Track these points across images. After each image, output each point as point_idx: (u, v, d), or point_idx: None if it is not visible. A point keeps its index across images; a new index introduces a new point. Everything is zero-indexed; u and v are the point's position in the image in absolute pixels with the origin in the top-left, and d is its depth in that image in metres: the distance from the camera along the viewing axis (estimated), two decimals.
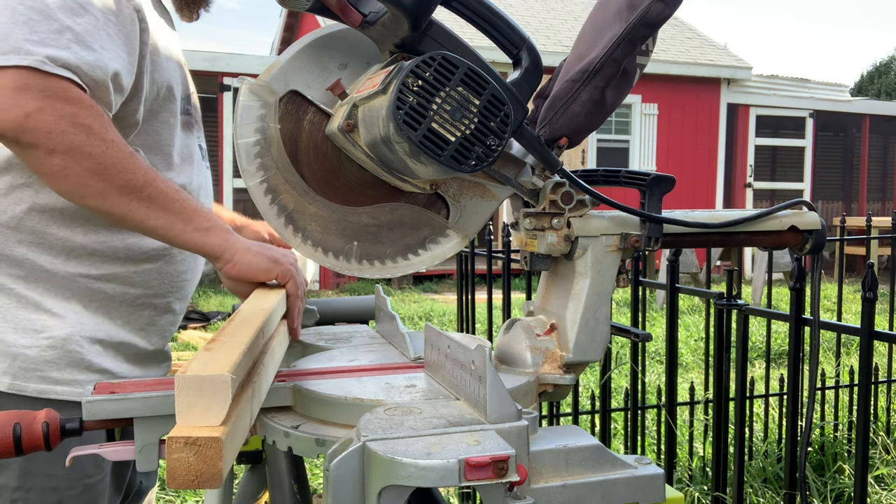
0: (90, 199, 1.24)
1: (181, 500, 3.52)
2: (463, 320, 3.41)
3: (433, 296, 9.92)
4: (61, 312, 1.37)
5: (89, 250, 1.38)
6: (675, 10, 1.11)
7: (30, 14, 1.20)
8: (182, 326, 7.59)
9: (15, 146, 1.20)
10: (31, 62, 1.17)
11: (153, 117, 1.42)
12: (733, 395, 2.46)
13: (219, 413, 0.81)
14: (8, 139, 1.19)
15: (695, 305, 8.14)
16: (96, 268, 1.39)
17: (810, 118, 13.55)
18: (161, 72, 1.42)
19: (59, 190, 1.25)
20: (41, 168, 1.22)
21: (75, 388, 1.36)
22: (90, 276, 1.39)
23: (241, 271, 1.29)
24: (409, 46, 1.06)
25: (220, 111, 10.46)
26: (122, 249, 1.41)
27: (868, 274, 1.86)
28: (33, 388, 1.33)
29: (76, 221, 1.37)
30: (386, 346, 1.40)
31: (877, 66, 31.19)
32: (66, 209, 1.36)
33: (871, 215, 4.41)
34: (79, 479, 1.36)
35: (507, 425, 0.88)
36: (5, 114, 1.16)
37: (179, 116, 1.50)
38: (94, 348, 1.39)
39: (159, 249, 1.46)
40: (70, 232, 1.37)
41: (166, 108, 1.45)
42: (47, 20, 1.21)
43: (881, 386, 3.94)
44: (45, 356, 1.34)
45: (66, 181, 1.22)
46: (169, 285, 1.50)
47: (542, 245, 1.17)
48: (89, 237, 1.38)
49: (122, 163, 1.23)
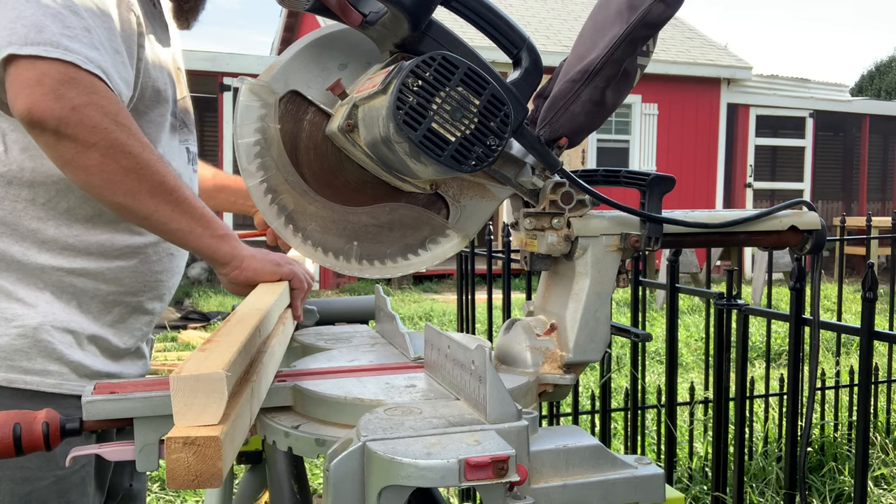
0: (120, 196, 1.26)
1: (181, 500, 3.52)
2: (463, 320, 3.41)
3: (433, 296, 9.92)
4: (33, 302, 1.36)
5: (61, 244, 1.38)
6: (675, 11, 1.11)
7: (59, 9, 1.21)
8: (182, 326, 7.59)
9: (51, 137, 1.20)
10: (73, 59, 1.18)
11: (139, 117, 1.41)
12: (733, 395, 2.46)
13: (216, 412, 0.81)
14: (46, 128, 1.19)
15: (695, 305, 8.14)
16: (68, 261, 1.38)
17: (810, 118, 13.55)
18: (148, 74, 1.42)
19: (87, 183, 1.25)
20: (73, 161, 1.22)
21: (46, 379, 1.35)
22: (62, 269, 1.38)
23: (249, 277, 1.36)
24: (409, 46, 1.06)
25: (220, 111, 10.47)
26: (95, 245, 1.41)
27: (868, 274, 1.86)
28: (2, 377, 1.32)
29: (48, 214, 1.36)
30: (386, 346, 1.40)
31: (877, 65, 31.18)
32: (36, 200, 1.35)
33: (871, 215, 4.41)
34: (50, 471, 1.35)
35: (507, 425, 0.88)
36: (52, 104, 1.17)
37: (169, 118, 1.50)
38: (65, 339, 1.38)
39: (133, 247, 1.45)
40: (42, 224, 1.36)
41: (154, 109, 1.45)
42: (76, 17, 1.22)
43: (881, 386, 3.94)
44: (15, 345, 1.33)
45: (98, 176, 1.23)
46: (142, 284, 1.48)
47: (542, 245, 1.17)
48: (61, 230, 1.37)
49: (156, 164, 1.27)
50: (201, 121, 13.07)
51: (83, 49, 1.21)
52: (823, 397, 3.86)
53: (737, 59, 13.34)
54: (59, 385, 1.36)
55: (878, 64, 31.40)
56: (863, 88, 29.98)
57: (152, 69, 1.43)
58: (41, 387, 1.34)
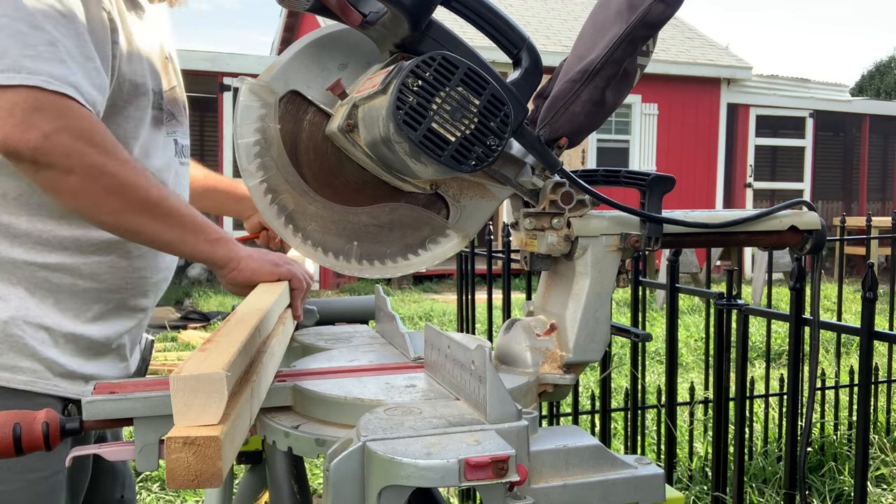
0: (105, 216, 1.27)
1: (181, 500, 3.52)
2: (463, 320, 3.41)
3: (433, 296, 9.92)
4: (4, 296, 1.33)
5: (34, 238, 1.34)
6: (675, 11, 1.11)
7: (18, 26, 1.18)
8: (182, 326, 7.58)
9: (30, 167, 1.20)
10: (36, 82, 1.17)
11: (116, 113, 1.38)
12: (733, 395, 2.46)
13: (216, 412, 0.81)
14: (23, 160, 1.19)
15: (695, 305, 8.14)
16: (42, 256, 1.35)
17: (810, 118, 13.55)
18: (126, 67, 1.37)
19: (75, 206, 1.26)
20: (56, 187, 1.23)
21: (18, 376, 1.32)
22: (35, 263, 1.35)
23: (247, 278, 1.37)
24: (409, 46, 1.06)
25: (220, 111, 10.46)
26: (69, 239, 1.37)
27: (868, 274, 1.86)
28: None
29: (20, 209, 1.33)
30: (386, 346, 1.40)
31: (877, 65, 31.18)
32: (7, 194, 1.33)
33: (871, 215, 4.41)
34: (21, 475, 1.32)
35: (507, 425, 0.88)
36: (24, 135, 1.16)
37: (150, 111, 1.45)
38: (38, 335, 1.34)
39: (110, 242, 1.41)
40: (14, 218, 1.33)
41: (133, 103, 1.40)
42: (37, 31, 1.19)
43: (881, 386, 3.94)
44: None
45: (82, 199, 1.24)
46: (123, 280, 1.45)
47: (542, 245, 1.17)
48: (34, 224, 1.34)
49: (138, 181, 1.27)
50: (201, 121, 13.08)
51: (48, 67, 1.18)
52: (823, 397, 3.86)
53: (737, 59, 13.34)
54: (31, 383, 1.33)
55: (878, 64, 31.42)
56: (863, 88, 29.98)
57: (130, 63, 1.38)
58: (11, 383, 1.32)
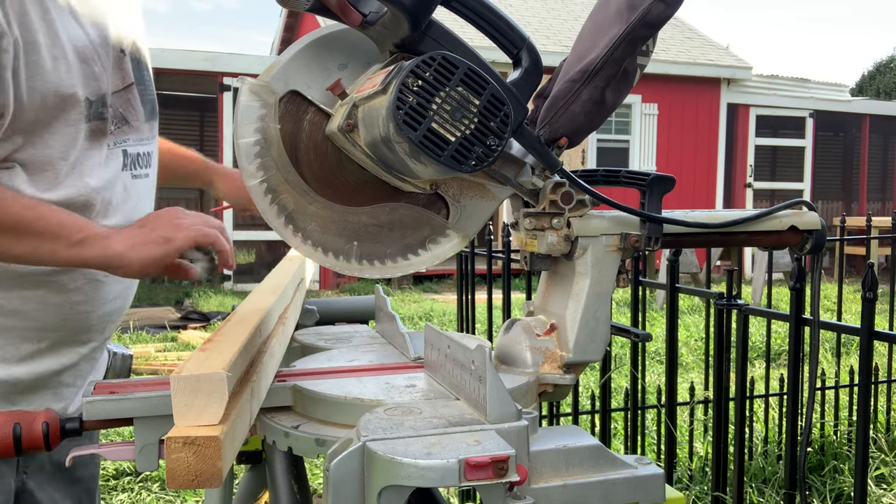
0: None
1: (181, 500, 3.52)
2: (463, 320, 3.41)
3: (433, 296, 9.92)
4: None
5: None
6: (675, 11, 1.11)
7: None
8: (182, 326, 7.58)
9: None
10: None
11: (42, 129, 1.25)
12: (733, 395, 2.46)
13: (216, 412, 0.81)
14: None
15: (695, 305, 8.14)
16: None
17: (810, 118, 13.55)
18: (44, 78, 1.23)
19: None
20: None
21: None
22: None
23: (144, 269, 1.23)
24: (409, 46, 1.06)
25: (220, 111, 10.46)
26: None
27: (868, 274, 1.86)
28: None
29: None
30: (386, 346, 1.40)
31: (877, 65, 31.18)
32: None
33: (871, 215, 4.41)
34: None
35: (507, 425, 0.88)
36: None
37: (85, 125, 1.30)
38: None
39: (35, 275, 1.29)
40: None
41: (60, 118, 1.26)
42: None
43: (881, 386, 3.94)
44: None
45: None
46: (57, 318, 1.33)
47: (542, 245, 1.17)
48: None
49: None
50: (201, 121, 13.08)
51: None
52: (823, 397, 3.86)
53: (737, 59, 13.34)
54: None
55: (878, 64, 31.41)
56: (863, 88, 29.98)
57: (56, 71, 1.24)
58: None
